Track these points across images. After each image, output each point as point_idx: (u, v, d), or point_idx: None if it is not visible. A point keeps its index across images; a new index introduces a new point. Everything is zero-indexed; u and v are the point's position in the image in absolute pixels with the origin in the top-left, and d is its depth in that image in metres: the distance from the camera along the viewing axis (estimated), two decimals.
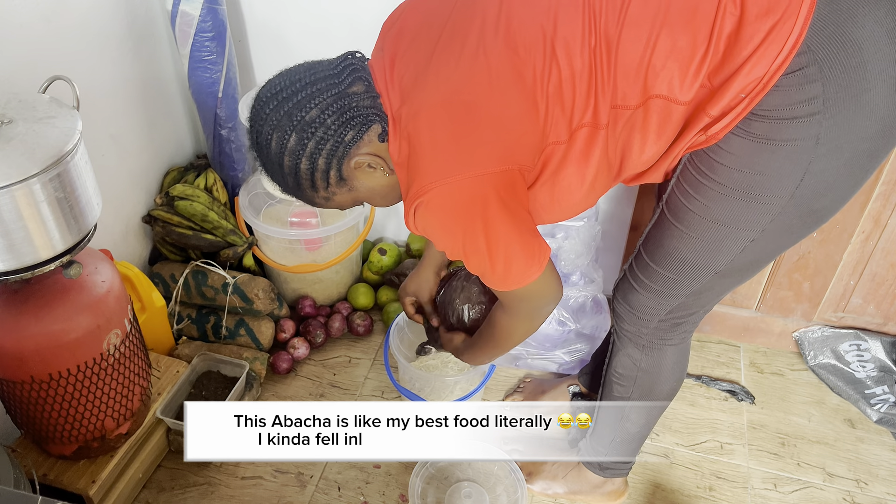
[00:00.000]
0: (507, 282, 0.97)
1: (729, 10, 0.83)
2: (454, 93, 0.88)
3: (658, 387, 1.22)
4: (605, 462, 1.36)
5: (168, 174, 1.83)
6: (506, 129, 0.88)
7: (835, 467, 1.53)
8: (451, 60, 0.89)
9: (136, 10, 1.62)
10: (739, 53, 0.83)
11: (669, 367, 1.20)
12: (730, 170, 0.91)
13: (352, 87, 0.93)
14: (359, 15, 1.64)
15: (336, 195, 0.98)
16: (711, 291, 1.09)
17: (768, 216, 0.93)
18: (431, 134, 0.89)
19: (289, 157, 0.92)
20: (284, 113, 0.90)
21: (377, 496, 1.46)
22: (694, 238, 1.00)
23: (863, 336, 1.67)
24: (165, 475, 1.49)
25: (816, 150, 0.86)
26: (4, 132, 1.02)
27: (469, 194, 0.88)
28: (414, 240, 1.95)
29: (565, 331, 1.62)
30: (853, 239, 1.53)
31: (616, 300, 1.19)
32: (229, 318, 1.70)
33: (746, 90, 0.85)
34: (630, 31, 0.85)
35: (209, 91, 1.69)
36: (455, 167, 0.87)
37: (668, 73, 0.86)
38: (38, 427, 1.27)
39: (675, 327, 1.15)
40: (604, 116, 0.89)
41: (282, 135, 0.91)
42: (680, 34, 0.84)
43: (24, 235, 1.03)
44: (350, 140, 0.92)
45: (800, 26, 0.81)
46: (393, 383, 1.52)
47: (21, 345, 1.14)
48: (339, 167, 0.93)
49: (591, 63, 0.87)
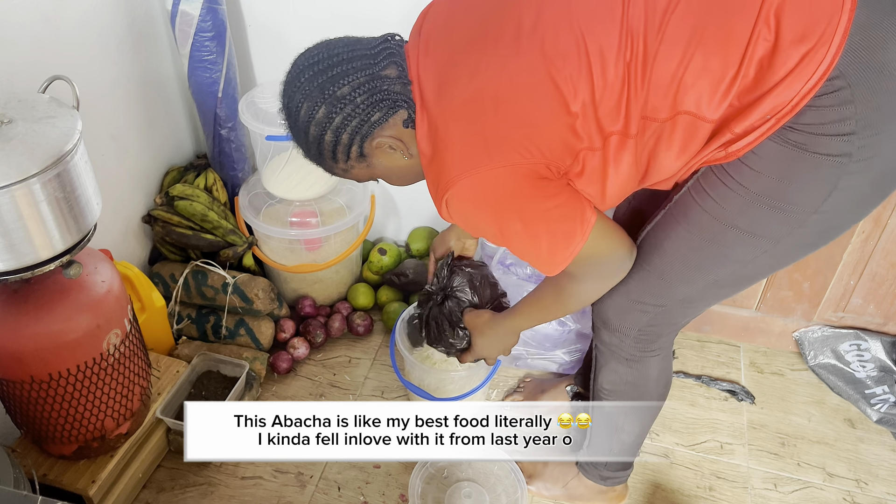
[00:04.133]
0: (557, 262, 0.98)
1: (763, 36, 0.83)
2: (483, 88, 0.91)
3: (647, 396, 1.23)
4: (605, 472, 1.36)
5: (168, 174, 1.83)
6: (532, 127, 0.90)
7: (835, 467, 1.53)
8: (483, 57, 0.92)
9: (136, 10, 1.62)
10: (771, 77, 0.84)
11: (655, 377, 1.21)
12: (758, 174, 0.91)
13: (385, 70, 0.95)
14: (359, 15, 1.64)
15: (354, 168, 1.01)
16: (700, 302, 1.09)
17: (788, 228, 0.93)
18: (458, 128, 0.92)
19: (315, 126, 0.95)
20: (317, 85, 0.94)
21: (377, 496, 1.46)
22: (703, 241, 1.00)
23: (863, 336, 1.67)
24: (165, 475, 1.49)
25: (848, 168, 0.87)
26: (4, 132, 1.02)
27: (497, 183, 0.91)
28: (414, 239, 1.95)
29: (565, 331, 1.62)
30: (853, 239, 1.53)
31: (594, 313, 1.18)
32: (229, 318, 1.70)
33: (773, 112, 0.86)
34: (666, 48, 0.86)
35: (209, 91, 1.69)
36: (482, 159, 0.90)
37: (697, 90, 0.87)
38: (38, 427, 1.27)
39: (657, 339, 1.15)
40: (633, 126, 0.91)
41: (312, 105, 0.94)
42: (713, 55, 0.85)
43: (23, 235, 1.03)
44: (376, 121, 0.95)
45: (832, 53, 0.82)
46: (398, 375, 1.52)
47: (21, 345, 1.14)
48: (361, 144, 0.97)
49: (624, 75, 0.88)
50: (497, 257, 1.67)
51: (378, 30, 1.04)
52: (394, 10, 1.60)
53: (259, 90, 1.72)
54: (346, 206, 1.76)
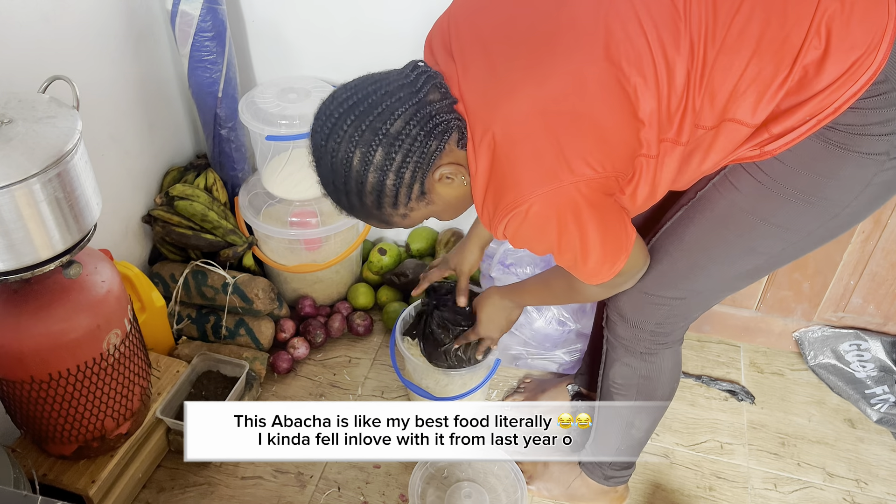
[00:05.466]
0: (601, 273, 0.97)
1: (814, 44, 0.84)
2: (553, 101, 0.86)
3: (660, 391, 1.22)
4: (609, 472, 1.36)
5: (168, 174, 1.83)
6: (606, 138, 0.87)
7: (835, 467, 1.53)
8: (537, 66, 0.87)
9: (136, 10, 1.62)
10: (817, 83, 0.85)
11: (669, 369, 1.20)
12: (794, 171, 0.92)
13: (430, 96, 0.90)
14: (359, 14, 1.64)
15: (413, 211, 0.95)
16: (717, 294, 1.10)
17: (819, 221, 0.95)
18: (528, 142, 0.87)
19: (374, 173, 0.88)
20: (367, 127, 0.87)
21: (377, 496, 1.46)
22: (731, 235, 1.00)
23: (863, 336, 1.67)
24: (165, 475, 1.49)
25: (884, 165, 0.88)
26: (4, 132, 1.02)
27: (566, 200, 0.87)
28: (414, 239, 1.95)
29: (565, 331, 1.62)
30: (853, 239, 1.53)
31: (609, 307, 1.18)
32: (229, 318, 1.70)
33: (814, 114, 0.87)
34: (725, 56, 0.86)
35: (209, 91, 1.69)
36: (555, 176, 0.86)
37: (747, 98, 0.87)
38: (38, 427, 1.27)
39: (672, 332, 1.15)
40: (686, 134, 0.90)
41: (366, 150, 0.87)
42: (767, 62, 0.85)
43: (23, 235, 1.03)
44: (434, 150, 0.89)
45: (879, 60, 0.83)
46: (398, 374, 1.52)
47: (21, 345, 1.14)
48: (423, 180, 0.91)
49: (686, 83, 0.87)
50: (497, 257, 1.67)
51: (378, 30, 1.03)
52: (394, 9, 1.60)
53: (259, 90, 1.72)
54: None
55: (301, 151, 1.65)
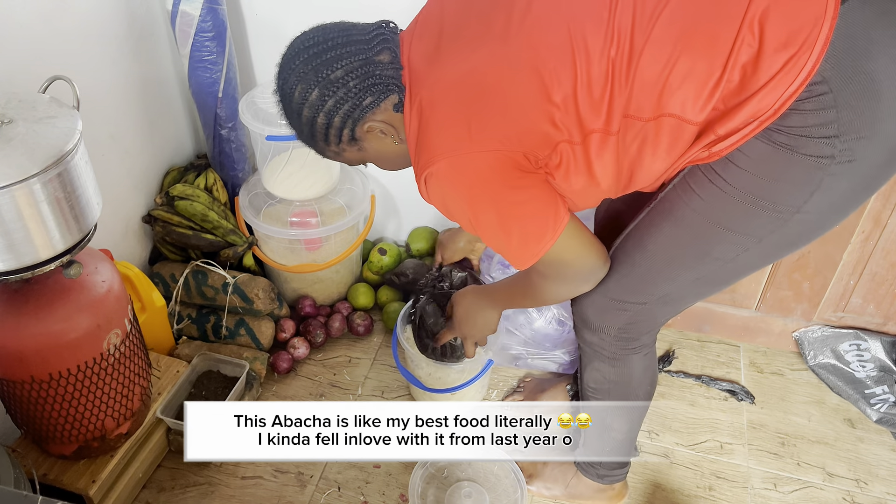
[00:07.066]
0: (526, 256, 0.98)
1: (747, 42, 0.84)
2: (469, 73, 0.93)
3: (633, 394, 1.23)
4: (602, 471, 1.37)
5: (168, 174, 1.83)
6: (513, 116, 0.91)
7: (835, 467, 1.53)
8: (470, 44, 0.94)
9: (136, 10, 1.62)
10: (755, 82, 0.85)
11: (639, 375, 1.21)
12: (745, 172, 0.92)
13: (379, 56, 0.98)
14: (359, 15, 1.64)
15: (345, 152, 1.03)
16: (681, 300, 1.10)
17: (771, 226, 0.94)
18: (443, 109, 0.94)
19: (308, 108, 0.97)
20: (312, 68, 0.96)
21: (377, 496, 1.46)
22: (688, 238, 1.00)
23: (863, 336, 1.67)
24: (165, 475, 1.49)
25: (830, 169, 0.88)
26: (4, 132, 1.02)
27: (474, 167, 0.93)
28: (414, 239, 1.95)
29: (565, 331, 1.62)
30: (853, 239, 1.53)
31: (573, 311, 1.19)
32: (229, 318, 1.70)
33: (755, 115, 0.87)
34: (653, 48, 0.87)
35: (209, 91, 1.69)
36: (463, 142, 0.92)
37: (682, 93, 0.88)
38: (38, 427, 1.27)
39: (638, 337, 1.15)
40: (615, 124, 0.91)
41: (305, 87, 0.96)
42: (699, 59, 0.86)
43: (24, 235, 1.03)
44: (367, 105, 0.97)
45: (814, 59, 0.83)
46: (397, 365, 1.53)
47: (21, 344, 1.14)
48: (353, 128, 0.99)
49: (608, 72, 0.89)
50: (497, 258, 1.67)
51: None
52: (394, 10, 1.60)
53: (259, 90, 1.72)
54: (346, 206, 1.76)
55: (301, 152, 1.66)
